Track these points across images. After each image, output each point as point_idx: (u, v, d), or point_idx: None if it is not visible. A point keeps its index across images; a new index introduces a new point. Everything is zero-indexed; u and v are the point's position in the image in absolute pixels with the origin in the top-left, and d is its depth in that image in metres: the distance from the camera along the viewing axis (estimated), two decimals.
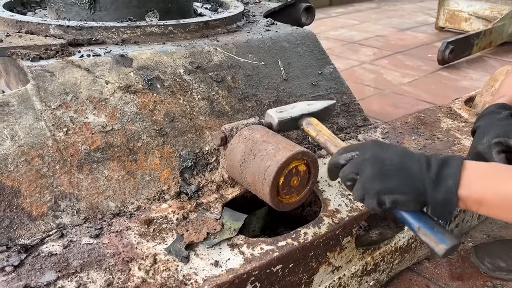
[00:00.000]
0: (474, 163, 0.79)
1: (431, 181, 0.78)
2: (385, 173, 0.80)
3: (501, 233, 1.66)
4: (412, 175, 0.79)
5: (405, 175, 0.80)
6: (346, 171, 0.85)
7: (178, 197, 1.09)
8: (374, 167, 0.81)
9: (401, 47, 4.14)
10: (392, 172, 0.80)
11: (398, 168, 0.80)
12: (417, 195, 0.79)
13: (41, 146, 1.02)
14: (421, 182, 0.78)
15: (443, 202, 0.77)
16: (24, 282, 0.81)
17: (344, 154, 0.88)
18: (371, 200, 0.81)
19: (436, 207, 0.79)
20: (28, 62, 1.12)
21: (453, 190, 0.76)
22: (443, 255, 0.79)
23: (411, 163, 0.81)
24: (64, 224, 0.97)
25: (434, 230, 0.80)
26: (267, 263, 0.93)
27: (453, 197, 0.76)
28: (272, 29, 1.61)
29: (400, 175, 0.80)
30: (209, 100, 1.27)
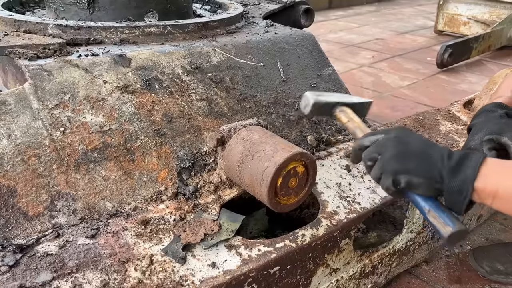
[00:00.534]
0: (495, 159, 0.81)
1: (450, 169, 0.79)
2: (405, 155, 0.83)
3: (500, 237, 1.66)
4: (431, 161, 0.81)
5: (425, 159, 0.82)
6: (369, 150, 0.88)
7: (176, 197, 1.08)
8: (396, 148, 0.83)
9: (400, 50, 4.15)
10: (412, 155, 0.82)
11: (419, 152, 0.83)
12: (433, 181, 0.80)
13: (38, 146, 1.01)
14: (439, 170, 0.80)
15: (458, 190, 0.79)
16: (19, 282, 0.80)
17: (369, 136, 0.90)
18: (386, 179, 0.83)
19: (451, 195, 0.80)
20: (25, 61, 1.12)
21: (470, 179, 0.77)
22: (448, 238, 0.80)
23: (433, 151, 0.83)
24: (60, 224, 0.96)
25: (444, 213, 0.81)
26: (265, 265, 0.92)
27: (469, 187, 0.77)
28: (271, 31, 1.60)
29: (420, 159, 0.82)
30: (207, 101, 1.27)
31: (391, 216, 1.37)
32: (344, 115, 1.03)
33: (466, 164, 0.79)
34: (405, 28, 5.21)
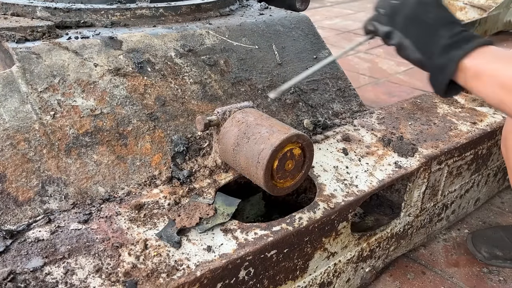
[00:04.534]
0: (500, 49, 0.78)
1: (442, 47, 0.79)
2: (414, 19, 0.82)
3: (497, 220, 1.65)
4: (433, 38, 0.80)
5: (430, 35, 0.80)
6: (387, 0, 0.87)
7: (170, 182, 1.06)
8: (413, 11, 0.82)
9: None
10: (421, 24, 0.82)
11: (429, 25, 0.81)
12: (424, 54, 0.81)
13: (27, 130, 0.98)
14: (433, 48, 0.80)
15: (441, 68, 0.79)
16: (9, 268, 0.78)
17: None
18: (384, 26, 0.85)
19: (433, 73, 0.81)
20: (13, 44, 1.09)
21: (455, 58, 0.76)
22: None
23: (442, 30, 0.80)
24: (52, 209, 0.94)
25: None
26: (261, 248, 0.91)
27: (452, 64, 0.77)
28: (266, 13, 1.57)
29: (426, 32, 0.81)
30: (201, 84, 1.24)
31: (389, 199, 1.36)
32: None
33: (459, 45, 0.78)
34: None
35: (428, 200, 1.37)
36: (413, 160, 1.25)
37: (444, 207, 1.47)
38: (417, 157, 1.26)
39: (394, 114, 1.51)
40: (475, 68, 0.75)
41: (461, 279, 1.37)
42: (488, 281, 1.37)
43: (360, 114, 1.49)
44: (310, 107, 1.41)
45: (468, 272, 1.40)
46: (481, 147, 1.45)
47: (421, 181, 1.28)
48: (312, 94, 1.44)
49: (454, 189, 1.47)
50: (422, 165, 1.24)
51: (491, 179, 1.65)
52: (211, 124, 1.03)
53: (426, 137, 1.36)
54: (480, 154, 1.47)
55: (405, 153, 1.27)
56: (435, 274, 1.39)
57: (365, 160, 1.23)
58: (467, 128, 1.44)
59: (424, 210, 1.38)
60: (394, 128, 1.41)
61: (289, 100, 1.37)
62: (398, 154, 1.27)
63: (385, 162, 1.23)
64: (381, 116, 1.48)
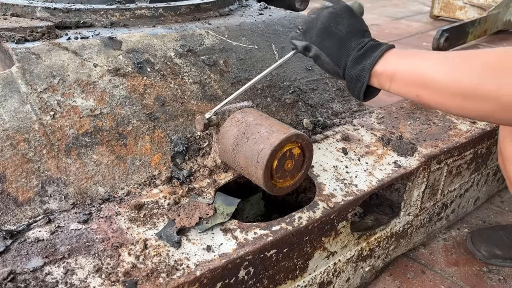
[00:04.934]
0: (401, 50, 0.85)
1: (353, 59, 0.85)
2: (329, 33, 0.88)
3: (497, 219, 1.65)
4: (345, 50, 0.87)
5: (341, 46, 0.87)
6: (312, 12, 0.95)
7: (170, 182, 1.06)
8: (326, 23, 0.89)
9: (395, 36, 4.12)
10: (334, 37, 0.88)
11: (342, 37, 0.88)
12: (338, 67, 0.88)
13: (27, 130, 0.99)
14: (346, 60, 0.87)
15: (357, 77, 0.84)
16: (9, 268, 0.78)
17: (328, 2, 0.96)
18: (301, 41, 0.91)
19: (350, 82, 0.87)
20: (13, 44, 1.09)
21: (367, 67, 0.83)
22: None
23: (354, 41, 0.87)
24: (52, 209, 0.94)
25: None
26: (261, 248, 0.91)
27: (366, 74, 0.83)
28: (265, 13, 1.57)
29: (338, 43, 0.87)
30: (201, 84, 1.24)
31: (388, 199, 1.36)
32: None
33: (368, 55, 0.84)
34: (401, 14, 5.17)
35: (428, 200, 1.37)
36: (413, 159, 1.25)
37: (444, 206, 1.48)
38: (417, 156, 1.26)
39: (394, 114, 1.51)
40: (387, 73, 0.81)
41: (461, 278, 1.37)
42: (488, 280, 1.37)
43: (359, 114, 1.49)
44: (309, 106, 1.41)
45: (468, 272, 1.40)
46: (481, 146, 1.45)
47: (420, 180, 1.28)
48: (312, 93, 1.44)
49: (454, 189, 1.47)
50: (421, 165, 1.24)
51: (491, 178, 1.65)
52: (211, 124, 1.03)
53: (425, 136, 1.37)
54: (479, 154, 1.47)
55: (404, 152, 1.27)
56: (435, 274, 1.39)
57: (364, 160, 1.23)
58: (467, 128, 1.44)
59: (424, 209, 1.38)
60: (393, 127, 1.41)
61: (289, 100, 1.37)
62: (398, 153, 1.27)
63: (384, 161, 1.23)
64: (381, 116, 1.49)
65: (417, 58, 0.79)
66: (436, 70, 0.75)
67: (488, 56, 0.71)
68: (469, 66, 0.71)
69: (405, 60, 0.80)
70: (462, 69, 0.72)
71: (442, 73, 0.74)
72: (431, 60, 0.77)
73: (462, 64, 0.72)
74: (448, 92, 0.73)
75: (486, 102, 0.69)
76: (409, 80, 0.79)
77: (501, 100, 0.67)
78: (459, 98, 0.72)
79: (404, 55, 0.82)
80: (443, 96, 0.75)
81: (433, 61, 0.77)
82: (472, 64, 0.71)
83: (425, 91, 0.77)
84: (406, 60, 0.80)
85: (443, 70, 0.74)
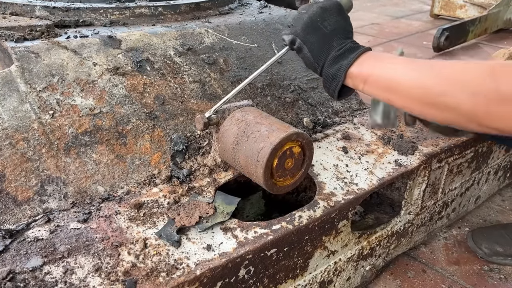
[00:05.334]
0: (378, 52, 0.87)
1: (332, 58, 0.88)
2: (314, 28, 0.90)
3: (498, 218, 1.65)
4: (326, 48, 0.89)
5: (324, 43, 0.89)
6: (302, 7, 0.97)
7: (169, 181, 1.06)
8: (313, 18, 0.91)
9: (396, 35, 4.11)
10: (319, 33, 0.90)
11: (327, 35, 0.90)
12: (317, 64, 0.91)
13: (26, 129, 0.98)
14: (325, 57, 0.89)
15: (333, 76, 0.87)
16: (8, 268, 0.77)
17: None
18: (288, 34, 0.94)
19: (326, 80, 0.90)
20: (12, 43, 1.09)
21: (344, 68, 0.85)
22: None
23: (336, 41, 0.90)
24: (51, 208, 0.93)
25: None
26: (261, 247, 0.90)
27: (342, 74, 0.86)
28: (265, 12, 1.57)
29: (321, 40, 0.90)
30: (200, 83, 1.24)
31: (389, 198, 1.36)
32: None
33: (346, 55, 0.87)
34: (401, 13, 5.16)
35: (429, 198, 1.37)
36: (413, 158, 1.25)
37: (445, 205, 1.47)
38: (417, 155, 1.26)
39: None
40: (361, 75, 0.84)
41: (462, 277, 1.37)
42: (489, 279, 1.37)
43: (360, 112, 1.49)
44: (310, 105, 1.41)
45: (469, 270, 1.40)
46: (481, 145, 1.45)
47: (421, 179, 1.28)
48: (312, 92, 1.44)
49: (455, 187, 1.47)
50: (422, 163, 1.24)
51: (492, 177, 1.64)
52: (211, 123, 1.03)
53: (426, 135, 1.36)
54: (480, 152, 1.47)
55: (405, 151, 1.26)
56: (436, 272, 1.39)
57: (365, 159, 1.23)
58: None
59: (425, 208, 1.38)
60: (393, 125, 1.41)
61: (289, 99, 1.37)
62: (398, 152, 1.27)
63: (385, 160, 1.23)
64: None
65: (390, 63, 0.82)
66: (404, 77, 0.78)
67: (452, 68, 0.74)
68: (434, 76, 0.74)
69: (379, 64, 0.83)
70: (428, 78, 0.74)
71: (409, 80, 0.77)
72: (401, 66, 0.80)
73: (428, 73, 0.75)
74: (414, 98, 0.77)
75: (448, 112, 0.72)
76: (381, 84, 0.82)
77: (460, 112, 0.70)
78: (424, 105, 0.75)
79: (379, 59, 0.84)
80: (410, 102, 0.78)
81: (403, 67, 0.80)
82: (437, 75, 0.74)
83: (394, 95, 0.80)
84: (380, 64, 0.83)
85: (411, 77, 0.77)
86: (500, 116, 0.66)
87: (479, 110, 0.68)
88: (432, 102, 0.74)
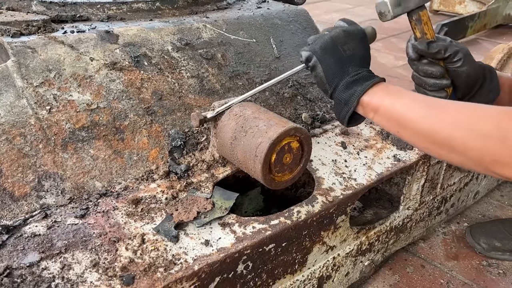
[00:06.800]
0: (391, 85, 0.87)
1: (345, 83, 0.88)
2: (332, 50, 0.90)
3: (496, 213, 1.65)
4: (341, 71, 0.89)
5: (340, 67, 0.89)
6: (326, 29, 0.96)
7: (167, 176, 1.05)
8: (333, 41, 0.91)
9: (394, 30, 4.10)
10: (337, 54, 0.90)
11: (342, 58, 0.90)
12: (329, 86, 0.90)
13: (23, 125, 0.98)
14: (339, 81, 0.89)
15: (345, 102, 0.88)
16: (5, 264, 0.77)
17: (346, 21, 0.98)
18: (307, 50, 0.93)
19: (338, 105, 0.90)
20: (8, 38, 1.08)
21: (357, 94, 0.86)
22: None
23: (351, 66, 0.89)
24: (48, 204, 0.93)
25: None
26: (259, 242, 0.90)
27: (354, 100, 0.86)
28: (263, 6, 1.56)
29: (337, 63, 0.89)
30: (198, 78, 1.23)
31: (388, 193, 1.36)
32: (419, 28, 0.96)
33: (360, 83, 0.87)
34: None
35: (427, 194, 1.37)
36: (412, 153, 1.24)
37: (443, 200, 1.47)
38: (416, 150, 1.25)
39: None
40: (372, 104, 0.85)
41: (461, 273, 1.37)
42: (487, 274, 1.37)
43: None
44: (308, 100, 1.40)
45: (468, 266, 1.40)
46: None
47: (420, 174, 1.27)
48: (311, 87, 1.43)
49: (453, 182, 1.46)
50: (421, 158, 1.24)
51: None
52: (206, 120, 1.02)
53: None
54: None
55: (404, 146, 1.26)
56: (435, 268, 1.39)
57: (363, 154, 1.22)
58: None
59: (423, 203, 1.38)
60: None
61: (287, 94, 1.36)
62: (397, 147, 1.26)
63: (384, 155, 1.23)
64: None
65: (400, 98, 0.83)
66: (414, 115, 0.79)
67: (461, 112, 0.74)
68: (442, 118, 0.75)
69: (390, 97, 0.83)
70: (436, 120, 0.75)
71: (418, 119, 0.78)
72: (412, 103, 0.81)
73: (436, 115, 0.76)
74: (422, 137, 0.78)
75: (455, 154, 0.73)
76: (390, 117, 0.83)
77: (467, 156, 0.71)
78: (432, 144, 0.76)
79: (391, 92, 0.85)
80: (418, 140, 0.79)
81: (413, 105, 0.80)
82: (445, 117, 0.75)
83: (404, 131, 0.81)
84: (391, 97, 0.83)
85: (420, 116, 0.78)
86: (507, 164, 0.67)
87: (485, 158, 0.69)
88: (440, 143, 0.75)
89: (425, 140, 0.77)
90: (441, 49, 0.92)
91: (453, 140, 0.72)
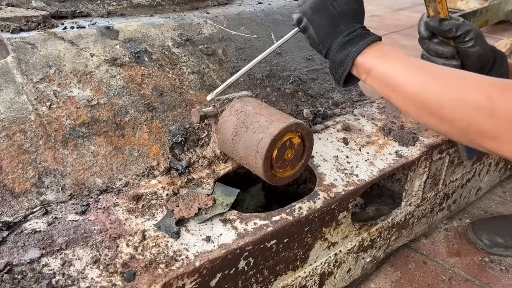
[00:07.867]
0: (386, 45, 0.85)
1: (340, 43, 0.85)
2: (323, 10, 0.87)
3: (499, 209, 1.64)
4: (334, 31, 0.86)
5: (332, 26, 0.86)
6: None
7: (168, 173, 1.05)
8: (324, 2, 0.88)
9: (396, 27, 4.09)
10: (326, 12, 0.87)
11: (332, 16, 0.86)
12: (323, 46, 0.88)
13: (23, 121, 0.97)
14: (332, 40, 0.86)
15: (340, 63, 0.85)
16: (6, 260, 0.77)
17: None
18: (297, 12, 0.91)
19: (333, 66, 0.88)
20: (8, 34, 1.07)
21: (351, 55, 0.84)
22: None
23: (343, 24, 0.86)
24: (49, 201, 0.93)
25: None
26: (261, 238, 0.90)
27: (349, 61, 0.84)
28: (264, 2, 1.55)
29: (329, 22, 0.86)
30: (199, 74, 1.23)
31: (390, 189, 1.35)
32: None
33: (355, 42, 0.84)
34: (401, 5, 5.13)
35: (429, 190, 1.36)
36: (414, 149, 1.24)
37: (446, 196, 1.46)
38: (418, 146, 1.25)
39: None
40: (365, 66, 0.82)
41: (463, 269, 1.36)
42: (489, 270, 1.36)
43: (360, 104, 1.48)
44: (309, 96, 1.39)
45: (470, 262, 1.40)
46: None
47: (422, 170, 1.27)
48: (312, 83, 1.43)
49: (456, 179, 1.46)
50: (423, 154, 1.23)
51: (493, 168, 1.63)
52: (207, 115, 1.01)
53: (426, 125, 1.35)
54: None
55: (406, 142, 1.25)
56: (437, 264, 1.38)
57: (365, 150, 1.22)
58: None
59: (425, 199, 1.37)
60: (394, 117, 1.40)
61: (289, 90, 1.35)
62: (399, 143, 1.26)
63: (385, 151, 1.22)
64: (382, 105, 1.47)
65: (394, 61, 0.81)
66: (406, 79, 0.77)
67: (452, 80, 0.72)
68: (434, 85, 0.73)
69: (383, 59, 0.81)
70: (428, 86, 0.73)
71: (410, 84, 0.76)
72: (404, 67, 0.79)
73: (429, 81, 0.74)
74: (413, 103, 0.76)
75: (444, 123, 0.72)
76: (382, 80, 0.81)
77: (455, 126, 0.69)
78: (422, 111, 0.75)
79: (384, 54, 0.82)
80: (408, 105, 0.78)
81: (406, 69, 0.78)
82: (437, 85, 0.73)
83: (394, 94, 0.79)
84: (384, 60, 0.81)
85: (412, 82, 0.76)
86: (493, 137, 0.65)
87: (472, 129, 0.67)
88: (429, 111, 0.73)
89: (414, 106, 0.76)
90: (452, 27, 0.90)
91: (442, 108, 0.71)
